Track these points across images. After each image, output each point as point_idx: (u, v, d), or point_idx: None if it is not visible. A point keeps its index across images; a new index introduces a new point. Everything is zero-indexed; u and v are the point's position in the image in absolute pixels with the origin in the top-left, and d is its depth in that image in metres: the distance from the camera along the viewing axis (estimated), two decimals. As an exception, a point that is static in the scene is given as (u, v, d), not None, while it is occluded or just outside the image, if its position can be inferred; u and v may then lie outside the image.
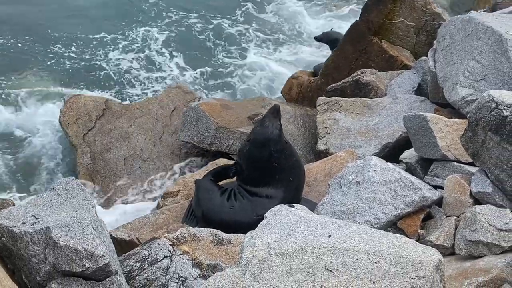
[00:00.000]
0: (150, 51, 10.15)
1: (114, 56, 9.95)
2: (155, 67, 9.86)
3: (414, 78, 6.91)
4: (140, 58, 9.93)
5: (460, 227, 4.11)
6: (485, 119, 4.16)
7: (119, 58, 9.92)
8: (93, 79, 9.46)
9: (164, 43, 10.32)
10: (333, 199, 4.62)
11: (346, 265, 3.27)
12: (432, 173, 4.83)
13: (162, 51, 10.16)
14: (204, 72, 9.79)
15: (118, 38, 10.34)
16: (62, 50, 9.95)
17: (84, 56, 9.88)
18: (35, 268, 3.68)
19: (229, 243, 4.26)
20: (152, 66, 9.87)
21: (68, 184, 4.12)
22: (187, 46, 10.32)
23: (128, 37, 10.39)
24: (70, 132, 7.47)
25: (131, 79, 9.57)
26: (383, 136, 6.07)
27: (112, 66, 9.76)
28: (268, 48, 10.37)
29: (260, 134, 5.12)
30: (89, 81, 9.38)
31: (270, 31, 10.76)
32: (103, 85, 9.39)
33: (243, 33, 10.68)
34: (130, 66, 9.78)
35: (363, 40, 7.57)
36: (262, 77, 9.70)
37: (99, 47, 10.09)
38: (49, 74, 9.43)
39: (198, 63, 9.98)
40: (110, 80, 9.49)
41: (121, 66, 9.76)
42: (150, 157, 7.39)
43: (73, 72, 9.57)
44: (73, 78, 9.43)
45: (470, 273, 3.72)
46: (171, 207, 5.62)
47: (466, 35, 5.66)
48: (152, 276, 3.98)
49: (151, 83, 9.55)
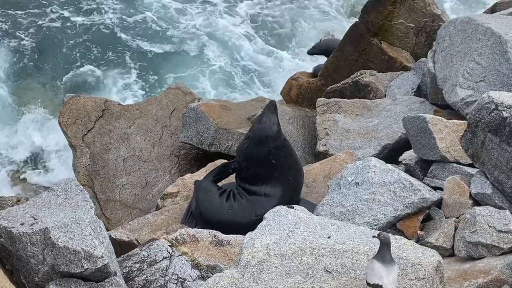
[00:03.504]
0: (149, 52, 10.15)
1: (112, 56, 9.95)
2: (154, 68, 9.86)
3: (413, 79, 6.91)
4: (139, 59, 9.93)
5: (460, 228, 4.11)
6: (485, 120, 4.15)
7: (118, 59, 9.92)
8: (93, 80, 9.46)
9: (163, 44, 10.32)
10: (332, 200, 4.62)
11: (345, 266, 3.27)
12: (431, 174, 4.82)
13: (161, 52, 10.16)
14: (204, 73, 9.79)
15: (117, 39, 10.34)
16: (61, 52, 9.95)
17: (84, 57, 9.89)
18: (34, 269, 3.67)
19: (228, 244, 4.25)
20: (151, 67, 9.87)
21: (67, 185, 4.11)
22: (186, 47, 10.32)
23: (127, 38, 10.39)
24: (69, 133, 7.46)
25: (130, 80, 9.57)
26: (383, 137, 6.07)
27: (111, 66, 9.76)
28: (268, 49, 10.37)
29: (259, 131, 5.13)
30: (88, 82, 9.38)
31: (270, 32, 10.76)
32: (102, 85, 9.39)
33: (243, 34, 10.68)
34: (128, 67, 9.78)
35: (362, 41, 7.57)
36: (262, 78, 9.70)
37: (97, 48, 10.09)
38: (49, 75, 9.43)
39: (198, 63, 9.98)
40: (109, 80, 9.48)
41: (120, 67, 9.76)
42: (149, 158, 7.38)
43: (72, 73, 9.57)
44: (73, 79, 9.42)
45: (470, 275, 3.72)
46: (170, 208, 5.61)
47: (466, 37, 5.66)
48: (151, 277, 3.97)
49: (151, 84, 9.55)
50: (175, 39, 10.40)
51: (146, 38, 10.39)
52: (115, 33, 10.40)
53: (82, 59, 9.81)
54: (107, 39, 10.26)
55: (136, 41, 10.32)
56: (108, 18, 10.75)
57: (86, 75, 9.49)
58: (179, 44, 10.32)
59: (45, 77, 9.34)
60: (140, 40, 10.35)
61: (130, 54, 10.00)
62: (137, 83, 9.48)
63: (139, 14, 10.97)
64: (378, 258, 3.09)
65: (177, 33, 10.54)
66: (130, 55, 9.96)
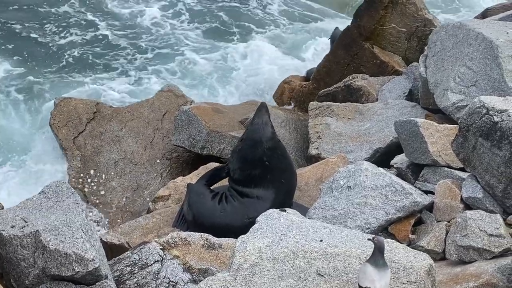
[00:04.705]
0: (141, 54, 10.12)
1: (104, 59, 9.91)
2: (147, 70, 9.83)
3: (405, 83, 6.94)
4: (131, 62, 9.90)
5: (451, 232, 4.13)
6: (476, 124, 4.18)
7: (109, 61, 9.88)
8: (84, 82, 9.41)
9: (156, 47, 10.29)
10: (324, 203, 4.62)
11: (337, 269, 3.27)
12: (423, 178, 4.84)
13: (153, 55, 10.13)
14: (196, 76, 9.78)
15: (108, 41, 10.30)
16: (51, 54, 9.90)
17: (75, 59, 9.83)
18: (24, 272, 3.64)
19: (220, 248, 4.24)
20: (143, 70, 9.84)
21: (58, 188, 4.09)
22: (178, 50, 10.30)
23: (118, 40, 10.35)
24: (60, 135, 7.42)
25: (122, 82, 9.53)
26: (374, 141, 6.09)
27: (102, 69, 9.72)
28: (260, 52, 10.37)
29: (253, 132, 5.13)
30: (80, 84, 9.33)
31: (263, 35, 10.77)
32: (94, 88, 9.35)
33: (235, 36, 10.68)
34: (120, 69, 9.74)
35: (354, 45, 7.60)
36: (254, 81, 9.70)
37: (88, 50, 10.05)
38: (40, 77, 9.38)
39: (190, 66, 9.97)
40: (101, 83, 9.45)
41: (111, 69, 9.72)
42: (141, 161, 7.36)
43: (63, 75, 9.52)
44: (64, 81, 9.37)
45: (461, 278, 3.73)
46: (161, 211, 5.59)
47: (457, 41, 5.70)
48: (143, 281, 3.95)
49: (143, 86, 9.51)
50: (168, 41, 10.38)
51: (137, 41, 10.36)
52: (106, 35, 10.37)
53: (73, 61, 9.76)
54: (98, 41, 10.23)
55: (128, 43, 10.29)
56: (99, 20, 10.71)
57: (77, 77, 9.45)
58: (172, 46, 10.30)
59: (36, 79, 9.28)
60: (132, 42, 10.32)
61: (121, 56, 9.96)
62: (129, 86, 9.44)
63: (131, 17, 10.94)
64: (371, 261, 3.09)
65: (169, 36, 10.52)
66: (121, 58, 9.93)
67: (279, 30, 10.84)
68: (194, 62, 10.08)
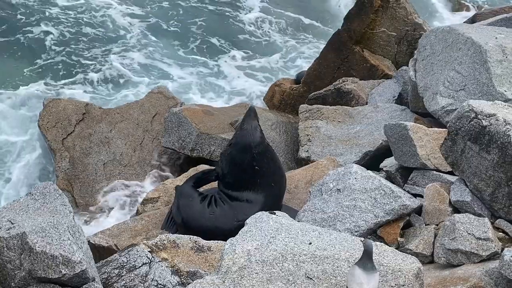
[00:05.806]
0: (131, 55, 10.08)
1: (94, 60, 9.86)
2: (137, 72, 9.79)
3: (394, 87, 6.97)
4: (121, 63, 9.86)
5: (439, 235, 4.14)
6: (465, 128, 4.20)
7: (99, 63, 9.83)
8: (73, 83, 9.36)
9: (146, 48, 10.26)
10: (314, 206, 4.62)
11: (326, 272, 3.27)
12: (412, 181, 4.86)
13: (143, 56, 10.10)
14: (186, 78, 9.75)
15: (97, 43, 10.25)
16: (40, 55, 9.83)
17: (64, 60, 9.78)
18: (10, 274, 3.60)
19: (209, 250, 4.22)
20: (133, 71, 9.81)
21: (46, 189, 4.05)
22: (169, 51, 10.28)
23: (108, 41, 10.31)
24: (49, 136, 7.36)
25: (111, 83, 9.49)
26: (364, 144, 6.10)
27: (92, 70, 9.67)
28: (250, 54, 10.38)
29: (242, 137, 5.12)
30: (69, 85, 9.27)
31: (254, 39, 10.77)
32: (83, 89, 9.30)
33: (227, 39, 10.67)
34: (110, 70, 9.70)
35: (345, 49, 7.63)
36: (244, 84, 9.70)
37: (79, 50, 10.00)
38: (29, 77, 9.31)
39: (180, 68, 9.95)
40: (90, 84, 9.40)
41: (101, 71, 9.67)
42: (130, 163, 7.32)
43: (53, 76, 9.46)
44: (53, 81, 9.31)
45: (449, 282, 3.75)
46: (150, 213, 5.56)
47: (447, 46, 5.73)
48: (130, 283, 3.92)
49: (132, 87, 9.47)
50: (158, 43, 10.36)
51: (128, 42, 10.33)
52: (97, 36, 10.32)
53: (62, 61, 9.71)
54: (87, 42, 10.18)
55: (118, 44, 10.25)
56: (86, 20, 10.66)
57: (66, 78, 9.39)
58: (161, 48, 10.28)
59: (25, 79, 9.22)
60: (122, 44, 10.28)
61: (111, 57, 9.92)
62: (118, 87, 9.41)
63: (122, 18, 10.90)
64: (360, 264, 3.09)
65: (159, 37, 10.50)
66: (111, 59, 9.89)
67: (268, 35, 10.86)
68: (183, 64, 10.06)
